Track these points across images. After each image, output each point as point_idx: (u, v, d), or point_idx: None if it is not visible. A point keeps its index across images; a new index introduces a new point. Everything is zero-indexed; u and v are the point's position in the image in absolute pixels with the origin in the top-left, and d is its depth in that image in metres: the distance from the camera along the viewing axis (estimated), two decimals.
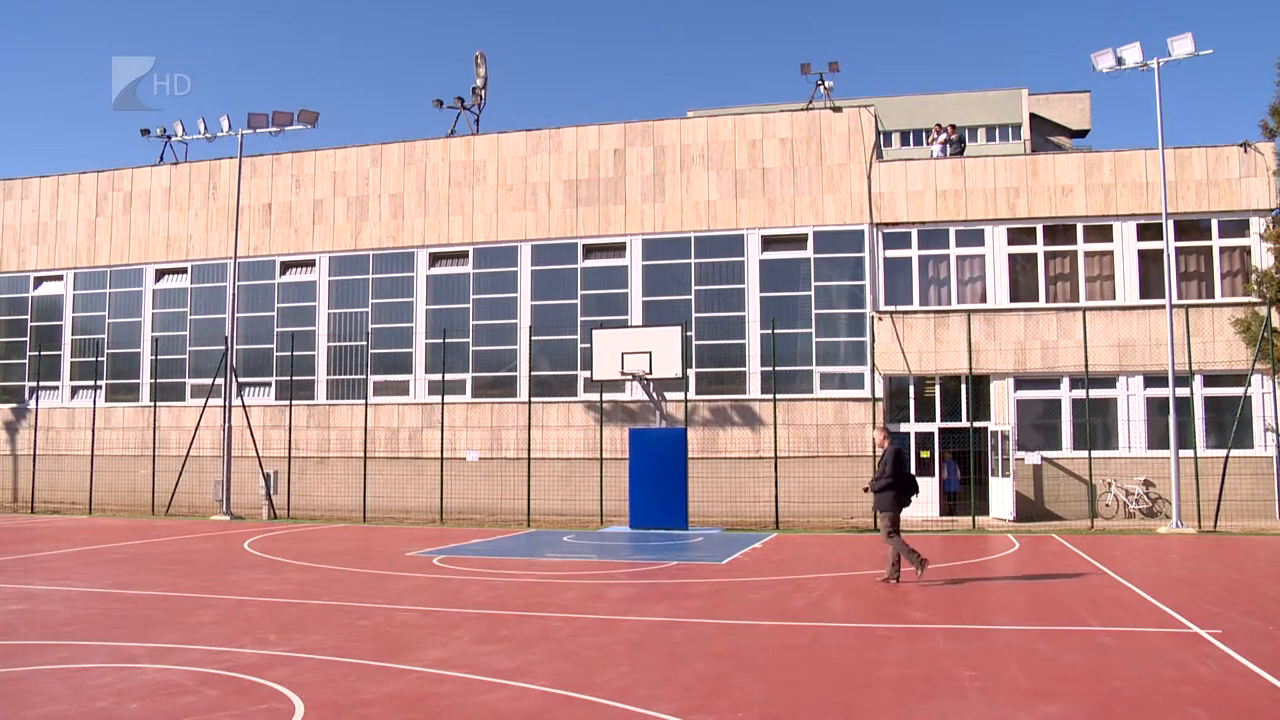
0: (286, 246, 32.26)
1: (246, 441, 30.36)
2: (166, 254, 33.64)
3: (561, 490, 28.42)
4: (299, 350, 31.30)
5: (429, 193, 31.05)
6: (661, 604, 13.54)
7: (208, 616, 12.29)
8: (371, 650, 10.01)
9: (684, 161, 29.20)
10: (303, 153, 32.70)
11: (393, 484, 29.91)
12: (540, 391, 29.20)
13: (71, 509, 32.32)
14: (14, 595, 14.09)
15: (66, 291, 34.99)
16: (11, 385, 35.29)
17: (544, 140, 30.42)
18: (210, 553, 20.44)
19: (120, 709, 7.79)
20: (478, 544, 21.84)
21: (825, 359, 27.93)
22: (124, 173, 34.82)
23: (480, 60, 32.69)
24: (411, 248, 30.99)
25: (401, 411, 30.50)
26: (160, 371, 32.96)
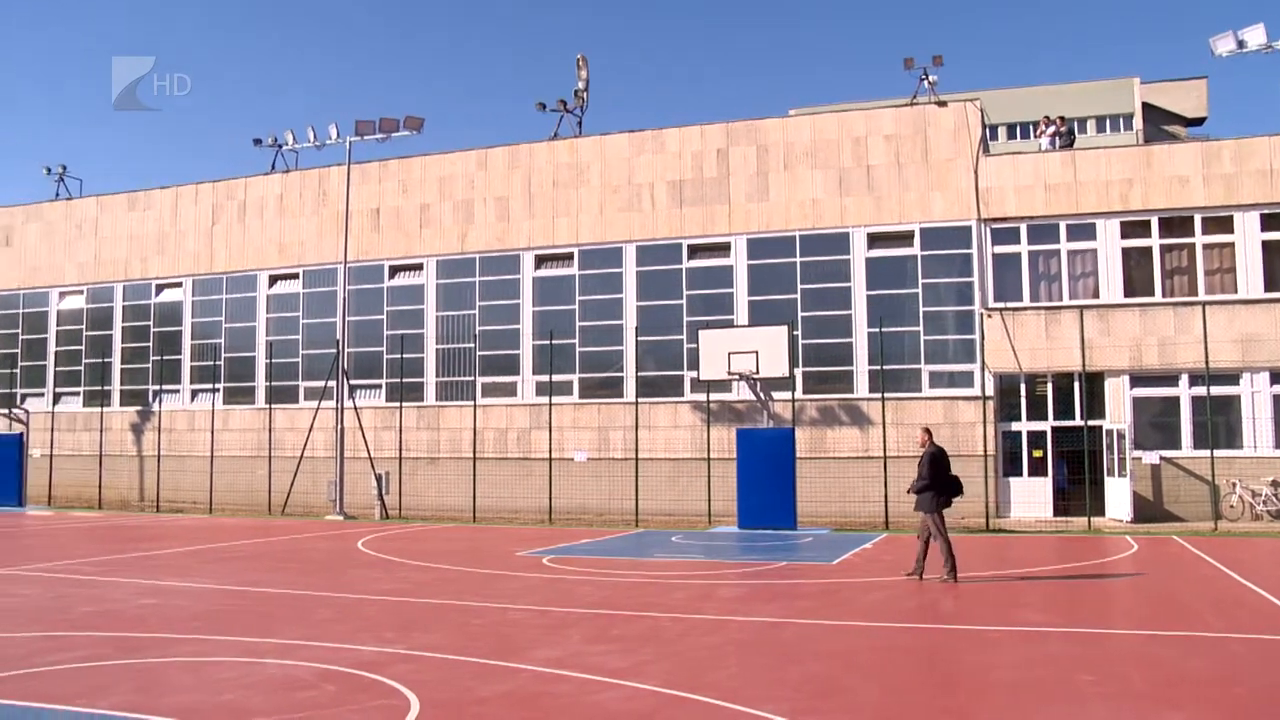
0: (395, 250, 32.81)
1: (359, 443, 30.97)
2: (279, 260, 34.47)
3: (669, 490, 28.45)
4: (409, 353, 31.80)
5: (534, 195, 31.32)
6: (771, 604, 13.49)
7: (326, 614, 12.57)
8: (485, 649, 10.13)
9: (788, 160, 29.02)
10: (410, 158, 33.23)
11: (502, 484, 30.23)
12: (647, 392, 29.27)
13: (193, 508, 33.29)
14: (144, 590, 14.59)
15: (186, 298, 36.04)
16: (137, 389, 36.47)
17: (647, 141, 30.48)
18: (326, 552, 20.89)
19: (245, 701, 8.01)
20: (587, 544, 21.98)
21: (934, 357, 27.53)
22: (238, 182, 35.77)
23: (582, 63, 32.89)
24: (517, 250, 31.29)
25: (510, 413, 30.81)
26: (275, 375, 33.79)
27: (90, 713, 7.61)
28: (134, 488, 35.67)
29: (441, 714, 7.71)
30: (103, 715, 7.55)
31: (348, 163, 31.81)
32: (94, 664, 9.47)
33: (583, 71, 32.79)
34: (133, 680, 8.85)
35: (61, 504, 35.58)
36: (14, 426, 36.91)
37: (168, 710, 7.63)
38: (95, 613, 12.50)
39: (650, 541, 22.66)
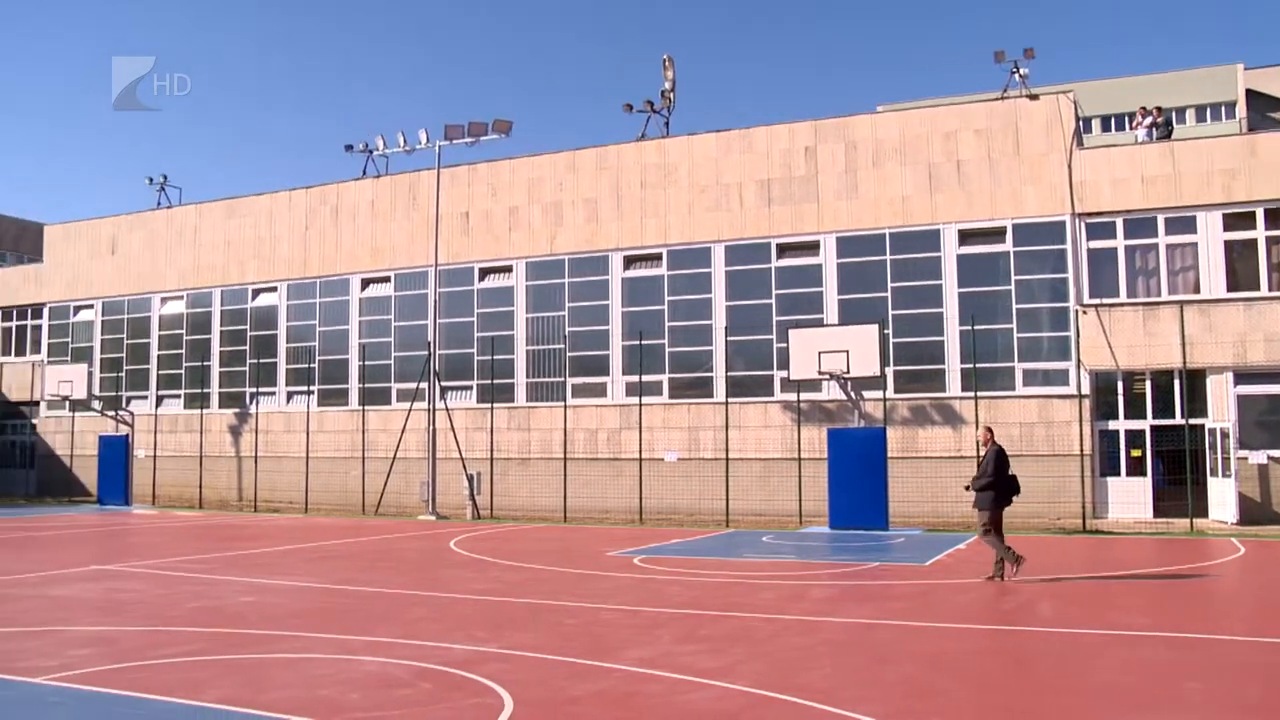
0: (485, 253, 33.13)
1: (450, 444, 31.36)
2: (371, 264, 35.00)
3: (760, 490, 28.35)
4: (499, 354, 32.10)
5: (622, 196, 31.41)
6: (864, 605, 13.39)
7: (420, 612, 12.75)
8: (577, 648, 10.20)
9: (877, 157, 28.75)
10: (498, 161, 33.54)
11: (592, 484, 30.39)
12: (737, 392, 29.19)
13: (289, 508, 33.97)
14: (244, 588, 14.94)
15: (281, 302, 36.79)
16: (234, 391, 37.32)
17: (735, 141, 30.41)
18: (419, 551, 21.18)
19: (343, 698, 8.16)
20: (677, 544, 22.00)
21: (1027, 355, 27.05)
22: (331, 187, 36.42)
23: (668, 64, 32.92)
24: (606, 251, 31.41)
25: (600, 413, 30.94)
26: (367, 377, 34.32)
27: (195, 705, 7.82)
28: (232, 488, 36.50)
29: (535, 712, 7.77)
30: (206, 708, 7.75)
31: (437, 167, 32.23)
32: (198, 658, 9.73)
33: (669, 72, 32.82)
34: (235, 675, 9.07)
35: (165, 503, 36.56)
36: (120, 428, 37.99)
37: (268, 705, 7.80)
38: (199, 609, 12.82)
39: (741, 541, 22.61)
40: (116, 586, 15.12)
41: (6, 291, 44.58)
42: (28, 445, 43.42)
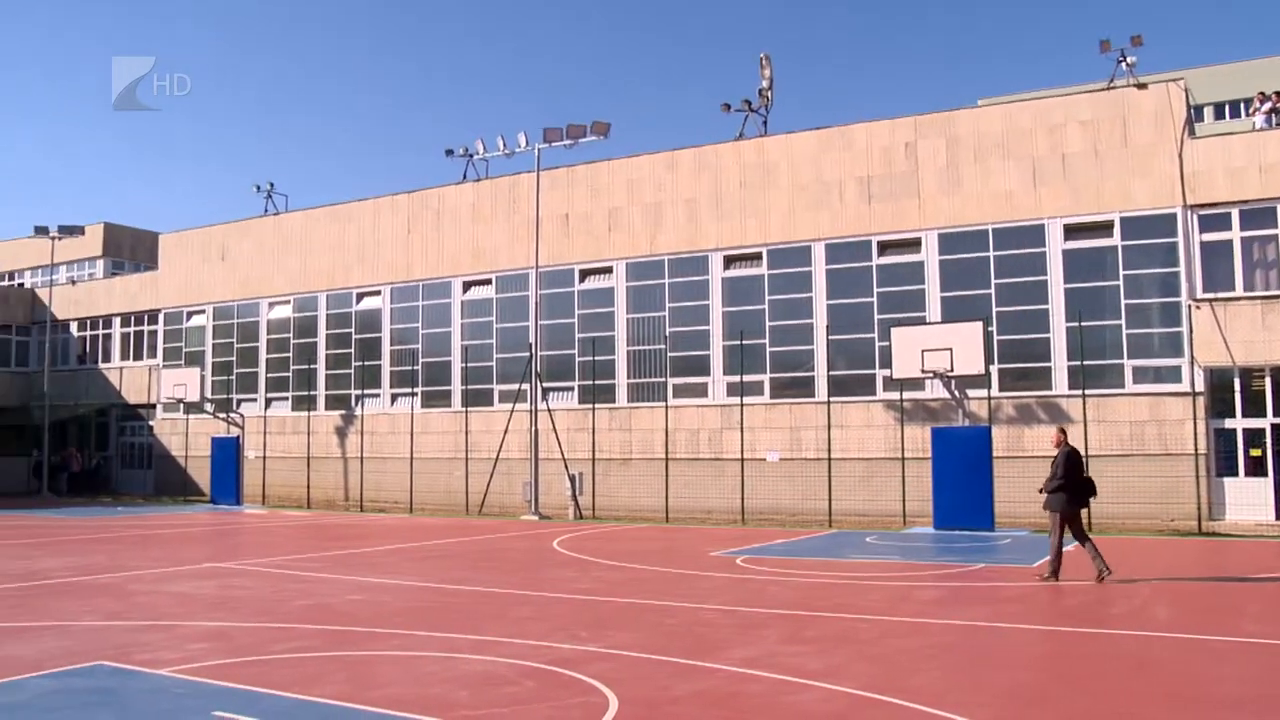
0: (585, 254, 33.31)
1: (552, 444, 31.58)
2: (473, 266, 35.40)
3: (863, 490, 28.07)
4: (600, 355, 32.23)
5: (722, 196, 31.33)
6: (971, 608, 13.17)
7: (524, 612, 12.85)
8: (680, 648, 10.19)
9: (979, 152, 28.27)
10: (597, 163, 33.69)
11: (694, 485, 30.37)
12: (838, 391, 28.93)
13: (394, 508, 34.52)
14: (353, 586, 15.22)
15: (384, 305, 37.40)
16: (340, 393, 38.05)
17: (834, 138, 30.14)
18: (522, 551, 21.37)
19: (451, 695, 8.25)
20: (780, 544, 21.89)
21: (1137, 352, 26.36)
22: (433, 192, 36.92)
23: (765, 61, 32.78)
24: (706, 251, 31.35)
25: (701, 413, 30.89)
26: (470, 378, 34.71)
27: (308, 700, 7.98)
28: (339, 488, 37.19)
29: (638, 712, 7.78)
30: (317, 703, 7.90)
31: (536, 169, 32.49)
32: (309, 655, 9.93)
33: (766, 70, 32.67)
34: (344, 671, 9.23)
35: (274, 503, 37.40)
36: (231, 430, 38.98)
37: (377, 701, 7.93)
38: (309, 606, 13.09)
39: (844, 542, 22.42)
40: (230, 583, 15.51)
41: (125, 298, 46.08)
42: (145, 446, 44.81)
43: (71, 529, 26.31)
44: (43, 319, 47.96)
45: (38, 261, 52.29)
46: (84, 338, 47.75)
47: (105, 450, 47.15)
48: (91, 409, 46.43)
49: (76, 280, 52.52)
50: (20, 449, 46.37)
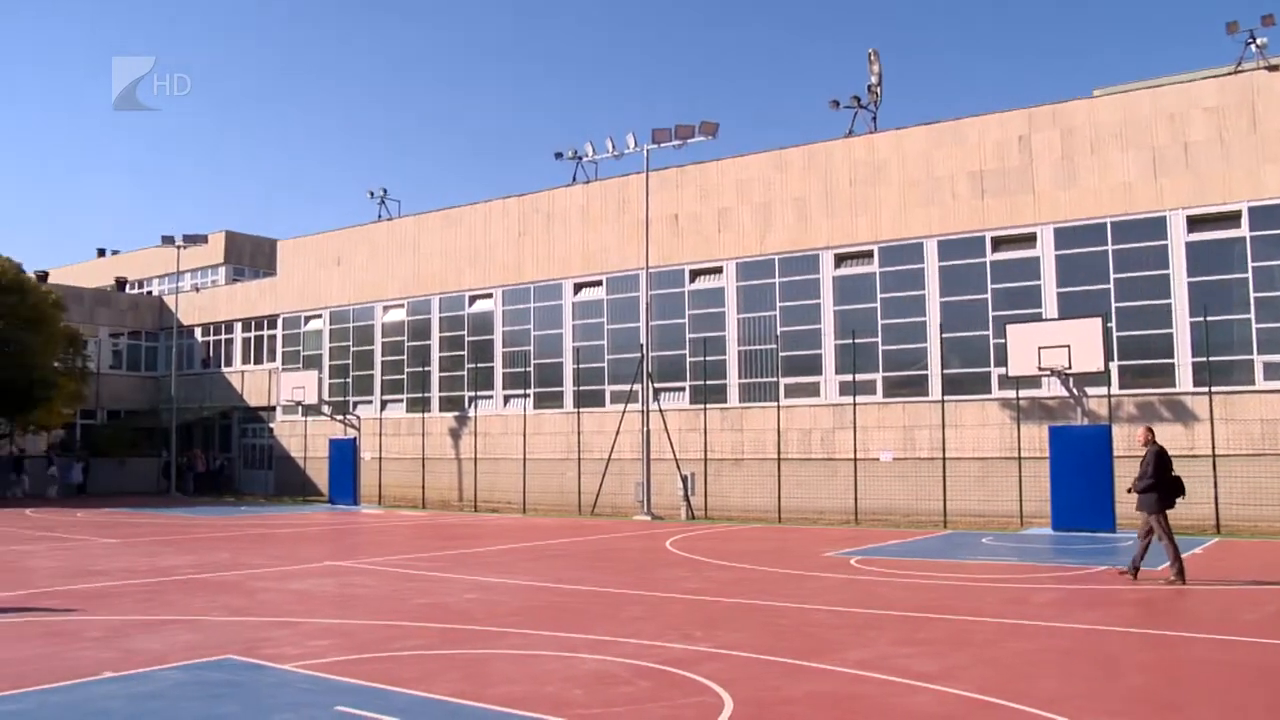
0: (695, 255, 33.32)
1: (664, 445, 31.67)
2: (583, 268, 35.65)
3: (978, 490, 27.60)
4: (711, 355, 32.21)
5: (832, 194, 31.08)
6: (1092, 611, 12.87)
7: (636, 611, 12.91)
8: (793, 649, 10.15)
9: (1095, 143, 27.58)
10: (706, 163, 33.68)
11: (806, 485, 30.18)
12: (952, 389, 28.50)
13: (507, 508, 34.93)
14: (470, 585, 15.45)
15: (496, 307, 37.87)
16: (454, 395, 38.64)
17: (945, 133, 29.70)
18: (635, 551, 21.45)
19: (566, 694, 8.33)
20: (894, 545, 21.66)
21: (1269, 347, 25.42)
22: (543, 195, 37.28)
23: (874, 57, 32.45)
24: (816, 250, 31.14)
25: (813, 413, 30.68)
26: (581, 379, 34.97)
27: (428, 697, 8.13)
28: (453, 488, 37.75)
29: (753, 712, 7.77)
30: (437, 700, 8.05)
31: (645, 171, 32.59)
32: (428, 652, 10.11)
33: (875, 66, 32.35)
34: (462, 669, 9.38)
35: (390, 503, 38.12)
36: (348, 432, 39.85)
37: (494, 699, 8.03)
38: (427, 605, 13.32)
39: (959, 543, 22.10)
40: (349, 582, 15.86)
41: (246, 304, 47.43)
42: (266, 448, 46.07)
43: (197, 527, 27.16)
44: (169, 325, 49.62)
45: (165, 270, 54.12)
46: (208, 342, 49.28)
47: (228, 451, 48.60)
48: (215, 411, 47.94)
49: (200, 287, 54.31)
50: (150, 450, 48.06)
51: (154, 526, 27.38)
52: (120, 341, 50.90)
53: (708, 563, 18.73)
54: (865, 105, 31.90)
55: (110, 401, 49.60)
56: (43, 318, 40.84)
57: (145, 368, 51.33)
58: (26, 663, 9.53)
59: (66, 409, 43.62)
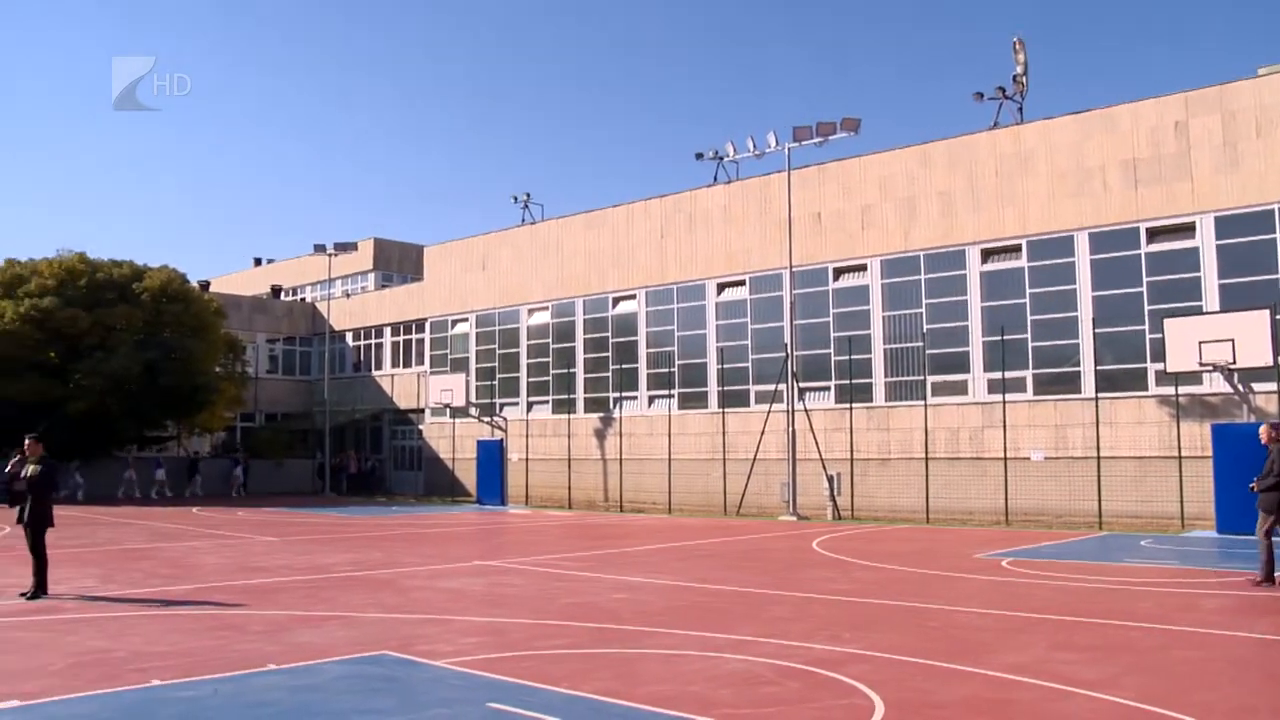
0: (838, 253, 32.96)
1: (809, 444, 31.43)
2: (726, 268, 35.58)
3: (1135, 491, 26.68)
4: (856, 354, 31.85)
5: (977, 188, 30.41)
6: (1263, 619, 12.29)
7: (781, 612, 12.83)
8: (943, 651, 9.96)
9: (1261, 125, 26.36)
10: (848, 160, 33.29)
11: (954, 485, 29.61)
12: (1107, 386, 27.61)
13: (653, 508, 35.08)
14: (617, 585, 15.56)
15: (640, 309, 38.06)
16: (598, 396, 38.97)
17: (1095, 122, 28.78)
18: (780, 551, 21.34)
19: (712, 694, 8.31)
20: (1047, 547, 21.11)
21: None
22: (685, 195, 37.33)
23: (1019, 46, 31.68)
24: (962, 245, 30.50)
25: (961, 411, 30.07)
26: (726, 380, 34.92)
27: (576, 695, 8.21)
28: (599, 488, 38.08)
29: (904, 715, 7.64)
30: (586, 699, 8.12)
31: (787, 169, 32.36)
32: (576, 651, 10.21)
33: (1020, 55, 31.57)
34: (610, 668, 9.45)
35: (536, 503, 38.66)
36: (495, 433, 40.55)
37: (642, 699, 8.06)
38: (575, 604, 13.45)
39: (1116, 545, 21.41)
40: (498, 581, 16.11)
41: (394, 308, 48.66)
42: (416, 449, 47.18)
43: (351, 527, 27.93)
44: (322, 330, 51.26)
45: (317, 277, 55.90)
46: (358, 347, 50.69)
47: (379, 453, 49.90)
48: (366, 414, 49.31)
49: (351, 293, 55.86)
50: (305, 452, 49.69)
51: (310, 526, 28.26)
52: (276, 347, 52.78)
53: (854, 563, 18.53)
54: (1010, 96, 31.16)
55: (267, 405, 51.47)
56: (205, 325, 42.63)
57: (300, 372, 53.12)
58: (198, 653, 9.97)
59: (227, 412, 45.48)
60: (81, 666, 9.41)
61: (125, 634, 11.13)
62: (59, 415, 37.39)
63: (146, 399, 40.42)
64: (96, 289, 40.61)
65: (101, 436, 40.85)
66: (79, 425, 38.53)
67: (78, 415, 38.53)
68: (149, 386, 39.92)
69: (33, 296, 39.09)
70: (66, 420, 37.59)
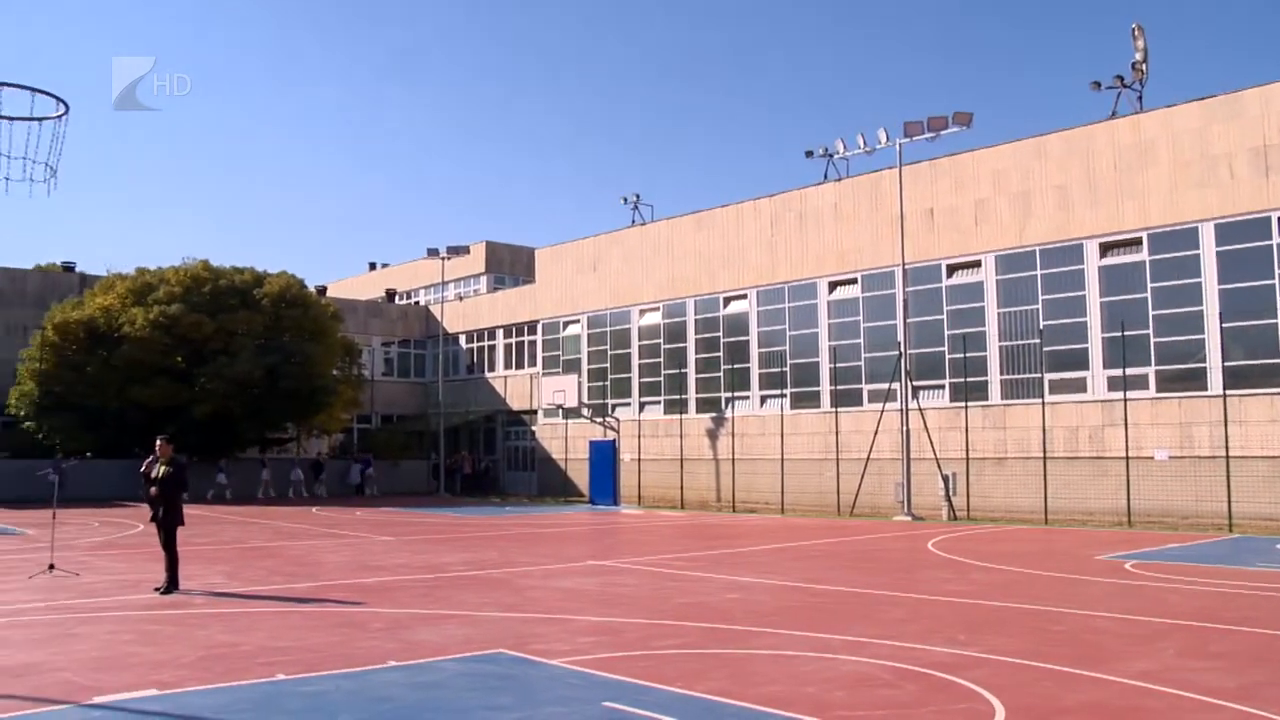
0: (951, 249, 32.43)
1: (923, 444, 30.97)
2: (837, 266, 35.24)
3: (1268, 492, 25.69)
4: (971, 351, 31.29)
5: (1095, 180, 29.64)
6: None
7: (896, 613, 12.66)
8: (1066, 656, 9.71)
9: None
10: (960, 154, 32.72)
11: (1073, 485, 28.89)
12: (1235, 383, 26.67)
13: (765, 508, 34.91)
14: (729, 585, 15.52)
15: (750, 308, 37.89)
16: (710, 397, 38.89)
17: (1220, 107, 27.82)
18: (895, 552, 21.08)
19: (828, 695, 8.24)
20: (1174, 549, 20.51)
21: None
22: (794, 194, 37.07)
23: (1138, 32, 30.81)
24: (1080, 239, 29.75)
25: (1080, 410, 29.34)
26: (838, 379, 34.59)
27: (690, 695, 8.19)
28: (711, 489, 38.01)
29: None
30: (701, 699, 8.09)
31: (899, 165, 31.92)
32: (691, 650, 10.19)
33: (1139, 41, 30.70)
34: (724, 668, 9.42)
35: (649, 503, 38.74)
36: (607, 434, 40.73)
37: (757, 699, 8.02)
38: (688, 604, 13.44)
39: (1248, 548, 20.69)
40: (612, 581, 16.17)
41: (507, 311, 49.24)
42: (529, 450, 47.65)
43: (466, 526, 28.29)
44: (436, 333, 52.06)
45: (430, 280, 56.80)
46: (471, 349, 51.38)
47: (493, 453, 50.49)
48: (480, 415, 49.96)
49: (463, 296, 56.62)
50: (420, 453, 50.52)
51: (426, 525, 28.69)
52: (391, 350, 53.80)
53: (971, 565, 18.21)
54: (1129, 84, 30.31)
55: (383, 406, 52.47)
56: (323, 329, 43.61)
57: (414, 374, 54.06)
58: (321, 649, 10.19)
59: (345, 414, 46.44)
60: (211, 659, 9.70)
61: (251, 629, 11.44)
62: (186, 418, 38.61)
63: (267, 401, 41.50)
64: (219, 295, 41.82)
65: (225, 438, 42.06)
66: (204, 427, 39.74)
67: (203, 418, 39.73)
68: (270, 389, 40.99)
69: (161, 304, 40.42)
70: (193, 423, 38.80)
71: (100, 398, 39.63)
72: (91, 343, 40.20)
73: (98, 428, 39.28)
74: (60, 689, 8.47)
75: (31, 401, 40.41)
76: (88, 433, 38.47)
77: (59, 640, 10.79)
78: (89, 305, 41.28)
